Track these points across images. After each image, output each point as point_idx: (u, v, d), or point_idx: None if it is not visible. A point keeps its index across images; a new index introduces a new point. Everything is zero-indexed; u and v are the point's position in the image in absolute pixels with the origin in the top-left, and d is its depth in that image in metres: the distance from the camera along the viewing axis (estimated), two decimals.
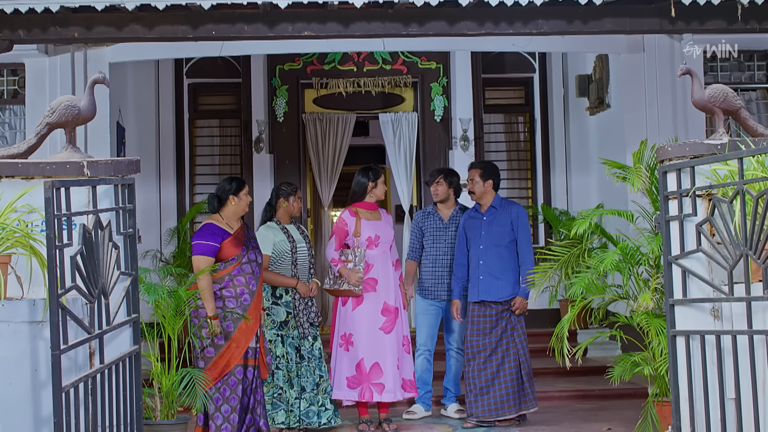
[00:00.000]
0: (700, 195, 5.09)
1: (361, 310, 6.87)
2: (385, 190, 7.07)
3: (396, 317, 6.89)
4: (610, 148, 9.22)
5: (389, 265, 6.97)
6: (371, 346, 6.82)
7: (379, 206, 7.15)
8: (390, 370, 6.80)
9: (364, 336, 6.83)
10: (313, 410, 6.74)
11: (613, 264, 5.94)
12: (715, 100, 5.47)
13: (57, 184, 4.33)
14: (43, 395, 4.59)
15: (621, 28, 6.13)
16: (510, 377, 6.98)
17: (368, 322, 6.85)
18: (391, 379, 6.81)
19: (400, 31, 6.15)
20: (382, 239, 6.96)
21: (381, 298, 6.89)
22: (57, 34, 6.01)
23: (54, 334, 4.22)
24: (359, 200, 7.03)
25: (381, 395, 6.81)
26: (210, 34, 6.09)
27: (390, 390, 6.82)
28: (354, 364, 6.85)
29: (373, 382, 6.80)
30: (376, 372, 6.80)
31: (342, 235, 6.96)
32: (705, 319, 5.08)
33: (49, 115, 5.28)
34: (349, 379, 6.86)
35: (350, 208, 7.02)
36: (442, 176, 7.57)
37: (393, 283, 6.96)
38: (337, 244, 6.96)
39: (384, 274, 6.92)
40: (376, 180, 7.01)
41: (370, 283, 6.89)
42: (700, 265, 5.10)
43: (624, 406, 7.57)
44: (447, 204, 7.59)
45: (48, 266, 4.24)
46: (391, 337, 6.85)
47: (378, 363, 6.81)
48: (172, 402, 5.79)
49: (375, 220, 7.00)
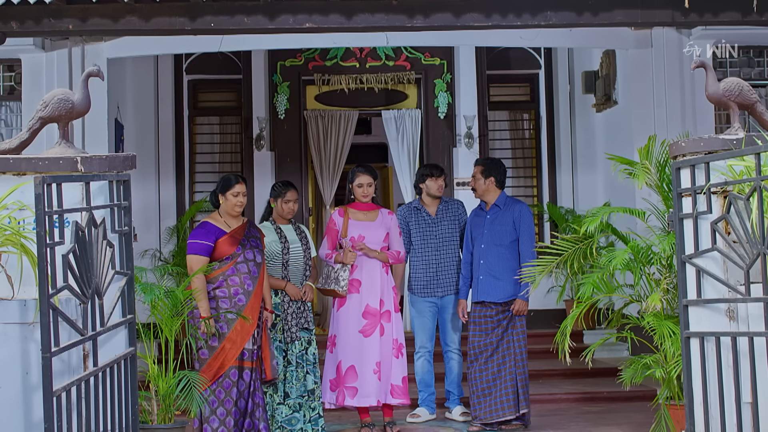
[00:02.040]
0: (715, 192, 4.95)
1: (343, 311, 6.73)
2: (365, 194, 6.78)
3: (380, 320, 6.70)
4: (618, 146, 9.07)
5: (376, 267, 6.78)
6: (349, 349, 6.66)
7: (380, 207, 6.96)
8: (366, 374, 6.62)
9: (343, 338, 6.69)
10: (297, 417, 6.55)
11: (623, 263, 5.77)
12: (730, 94, 5.31)
13: (48, 179, 4.17)
14: (34, 399, 4.45)
15: (632, 20, 5.98)
16: (511, 378, 6.81)
17: (348, 323, 6.70)
18: (367, 384, 6.62)
19: (405, 23, 5.99)
20: (368, 240, 6.76)
21: (363, 300, 6.72)
22: (51, 26, 5.86)
23: (45, 336, 4.06)
24: (353, 201, 6.89)
25: (353, 399, 6.64)
26: (209, 26, 5.95)
27: (364, 395, 6.63)
28: (335, 366, 6.71)
29: (346, 386, 6.64)
30: (350, 375, 6.64)
31: (333, 234, 6.84)
32: (720, 321, 4.94)
33: (41, 109, 5.10)
34: (332, 381, 6.72)
35: (341, 208, 6.90)
36: (441, 171, 7.45)
37: (379, 285, 6.76)
38: (329, 244, 6.82)
39: (369, 276, 6.75)
40: (351, 183, 6.86)
41: (354, 284, 6.72)
42: (714, 264, 4.95)
43: (633, 409, 7.42)
44: (436, 200, 7.43)
45: (38, 265, 4.08)
46: (372, 341, 6.66)
47: (353, 366, 6.64)
48: (170, 405, 5.63)
49: (368, 220, 6.83)
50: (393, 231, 6.93)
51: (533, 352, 7.54)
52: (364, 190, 6.82)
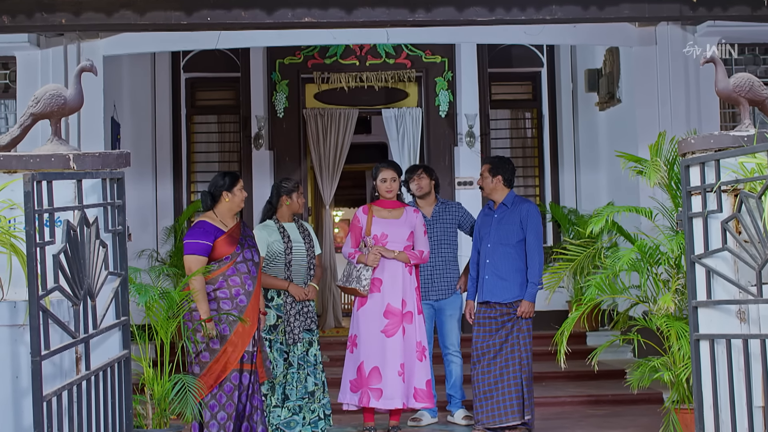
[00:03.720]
0: (725, 190, 4.81)
1: (364, 311, 6.60)
2: (390, 189, 6.67)
3: (402, 321, 6.57)
4: (621, 145, 8.92)
5: (398, 266, 6.64)
6: (371, 349, 6.52)
7: (405, 204, 6.83)
8: (390, 375, 6.48)
9: (365, 338, 6.56)
10: (297, 420, 6.42)
11: (630, 263, 5.63)
12: (740, 90, 5.17)
13: (38, 177, 4.03)
14: (24, 404, 4.31)
15: (639, 14, 5.85)
16: (514, 381, 6.65)
17: (370, 323, 6.56)
18: (391, 386, 6.47)
19: (406, 17, 5.87)
20: (392, 238, 6.63)
21: (385, 299, 6.58)
22: (43, 20, 5.74)
23: (34, 338, 3.92)
24: (376, 199, 6.78)
25: (378, 401, 6.50)
26: (205, 20, 5.82)
27: (389, 397, 6.48)
28: (356, 367, 6.57)
29: (371, 387, 6.50)
30: (375, 377, 6.50)
31: (357, 232, 6.72)
32: (731, 322, 4.81)
33: (33, 105, 4.95)
34: (352, 382, 6.58)
35: (366, 206, 6.80)
36: (422, 170, 7.32)
37: (401, 285, 6.61)
38: (353, 242, 6.72)
39: (391, 275, 6.61)
40: (375, 178, 6.76)
41: (375, 283, 6.59)
42: (725, 264, 4.82)
43: (639, 413, 7.29)
44: (428, 200, 7.28)
45: (28, 265, 3.93)
46: (394, 341, 6.52)
47: (377, 367, 6.50)
48: (165, 409, 5.49)
49: (393, 218, 6.70)
50: (418, 229, 6.77)
51: (535, 354, 7.35)
52: (389, 185, 6.70)
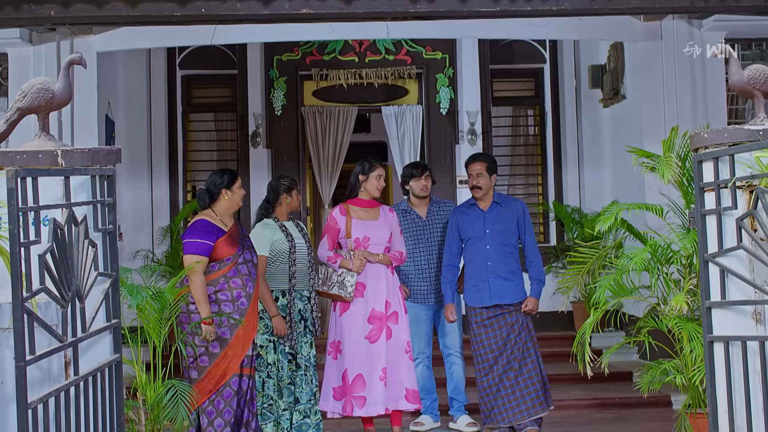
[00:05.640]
0: (740, 186, 4.63)
1: (348, 317, 6.37)
2: (380, 187, 6.49)
3: (385, 323, 6.36)
4: (626, 142, 8.72)
5: (381, 269, 6.43)
6: (355, 356, 6.32)
7: (380, 203, 6.62)
8: (375, 382, 6.28)
9: (349, 344, 6.34)
10: (308, 423, 6.25)
11: (642, 263, 5.44)
12: (755, 82, 4.98)
13: (22, 173, 3.84)
14: (9, 411, 4.11)
15: (649, 5, 5.66)
16: (535, 372, 6.47)
17: (354, 329, 6.35)
18: (374, 391, 6.27)
19: (408, 8, 5.68)
20: (373, 241, 6.43)
21: (369, 304, 6.37)
22: (31, 12, 5.54)
23: (18, 342, 3.72)
24: (354, 196, 6.53)
25: (361, 410, 6.31)
26: (199, 12, 5.62)
27: (372, 403, 6.29)
28: (341, 374, 6.36)
29: (354, 396, 6.30)
30: (358, 384, 6.30)
31: (334, 233, 6.47)
32: (746, 324, 4.62)
33: (20, 99, 4.77)
34: (335, 389, 6.38)
35: (342, 206, 6.52)
36: (428, 170, 7.09)
37: (385, 288, 6.41)
38: (329, 244, 6.45)
39: (374, 279, 6.40)
40: (368, 174, 6.48)
41: (359, 288, 6.38)
42: (740, 263, 4.63)
43: (647, 416, 7.12)
44: (424, 200, 7.07)
45: (11, 266, 3.74)
46: (378, 347, 6.32)
47: (361, 375, 6.30)
48: (158, 415, 5.29)
49: (370, 219, 6.48)
50: (395, 230, 6.59)
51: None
52: (381, 183, 6.51)
